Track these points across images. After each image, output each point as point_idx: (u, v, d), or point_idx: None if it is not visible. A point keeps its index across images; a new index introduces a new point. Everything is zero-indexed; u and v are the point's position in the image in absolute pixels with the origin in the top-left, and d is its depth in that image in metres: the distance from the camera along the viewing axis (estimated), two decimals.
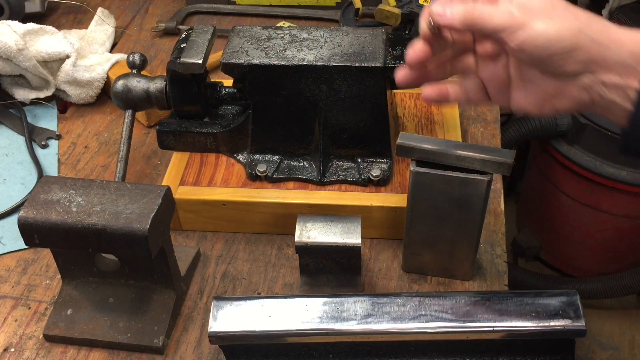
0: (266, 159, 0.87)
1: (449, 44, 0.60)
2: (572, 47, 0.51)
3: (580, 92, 0.54)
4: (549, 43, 0.52)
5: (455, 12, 0.55)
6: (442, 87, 0.62)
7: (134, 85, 0.88)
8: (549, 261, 1.87)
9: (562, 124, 1.51)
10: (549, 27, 0.51)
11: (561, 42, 0.51)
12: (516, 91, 0.58)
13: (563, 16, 0.52)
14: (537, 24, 0.52)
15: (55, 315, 0.76)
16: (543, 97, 0.56)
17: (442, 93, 0.62)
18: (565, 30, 0.51)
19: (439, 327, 0.66)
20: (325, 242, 0.74)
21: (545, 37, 0.51)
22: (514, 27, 0.52)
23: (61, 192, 0.69)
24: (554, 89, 0.55)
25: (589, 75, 0.52)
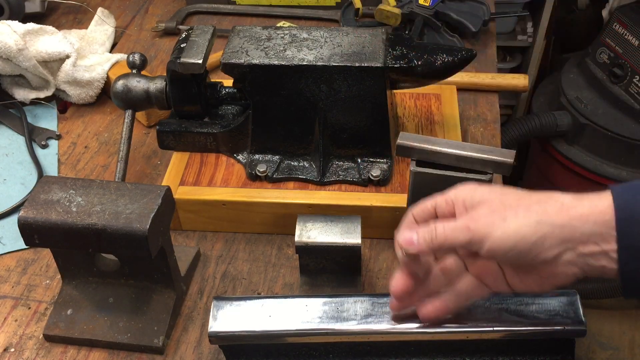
0: (266, 159, 0.87)
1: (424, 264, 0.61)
2: (539, 239, 0.53)
3: (569, 268, 0.55)
4: (513, 245, 0.54)
5: (420, 238, 0.57)
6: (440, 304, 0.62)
7: (134, 85, 0.88)
8: None
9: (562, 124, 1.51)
10: (508, 230, 0.54)
11: (525, 240, 0.53)
12: (512, 278, 0.59)
13: (516, 214, 0.54)
14: (495, 232, 0.54)
15: (55, 315, 0.76)
16: (539, 281, 0.57)
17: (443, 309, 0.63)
18: (524, 228, 0.53)
19: (439, 327, 0.66)
20: (325, 242, 0.74)
21: (508, 241, 0.54)
22: (476, 241, 0.55)
23: (61, 192, 0.69)
24: (544, 273, 0.56)
25: (569, 252, 0.54)
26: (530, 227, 0.53)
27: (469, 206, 0.57)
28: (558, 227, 0.53)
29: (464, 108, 1.03)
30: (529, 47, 2.02)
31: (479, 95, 1.07)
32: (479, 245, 0.55)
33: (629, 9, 1.60)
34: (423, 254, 0.59)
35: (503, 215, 0.54)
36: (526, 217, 0.54)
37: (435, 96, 0.98)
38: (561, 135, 1.54)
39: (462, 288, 0.61)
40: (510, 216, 0.54)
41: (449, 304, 0.62)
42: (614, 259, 0.53)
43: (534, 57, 2.01)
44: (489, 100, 1.06)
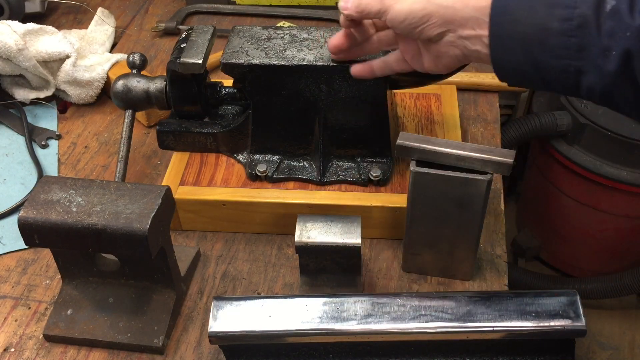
0: (266, 159, 0.87)
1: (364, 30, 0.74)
2: (425, 15, 0.63)
3: (451, 49, 0.64)
4: (405, 17, 0.64)
5: (350, 4, 0.68)
6: (369, 63, 0.75)
7: (134, 85, 0.88)
8: (549, 261, 1.87)
9: (562, 124, 1.51)
10: (403, 6, 0.64)
11: (414, 14, 0.63)
12: (424, 57, 0.69)
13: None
14: (395, 5, 0.64)
15: (55, 315, 0.76)
16: (433, 59, 0.68)
17: (368, 67, 0.76)
18: (415, 4, 0.63)
19: (439, 327, 0.66)
20: (325, 242, 0.74)
21: (401, 14, 0.64)
22: (383, 10, 0.66)
23: (61, 192, 0.69)
24: (434, 51, 0.66)
25: (450, 34, 0.63)
26: (420, 4, 0.63)
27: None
28: (442, 8, 0.62)
29: (464, 108, 1.03)
30: None
31: (479, 95, 1.07)
32: (384, 15, 0.66)
33: None
34: (351, 17, 0.69)
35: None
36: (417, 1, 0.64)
37: (435, 96, 0.98)
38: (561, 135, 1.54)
39: (388, 58, 0.74)
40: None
41: (374, 67, 0.75)
42: (486, 45, 0.61)
43: None
44: (489, 100, 1.06)
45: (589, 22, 0.54)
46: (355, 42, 0.75)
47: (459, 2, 0.62)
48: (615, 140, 1.45)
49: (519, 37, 0.58)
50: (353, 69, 0.77)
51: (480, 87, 1.07)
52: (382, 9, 0.66)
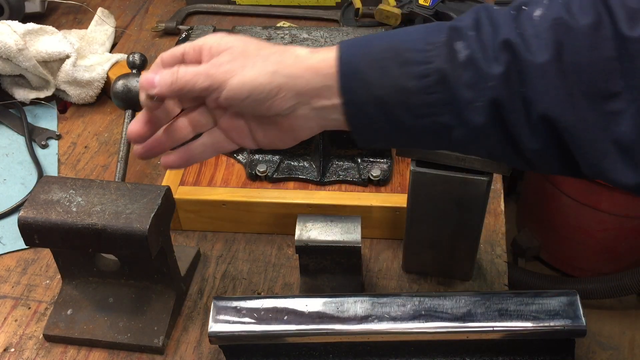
0: (266, 159, 0.87)
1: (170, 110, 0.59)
2: (273, 89, 0.53)
3: (306, 122, 0.56)
4: (249, 93, 0.53)
5: (162, 80, 0.55)
6: (184, 150, 0.60)
7: (134, 85, 0.88)
8: (549, 261, 1.87)
9: None
10: (245, 78, 0.53)
11: (260, 89, 0.53)
12: (257, 133, 0.58)
13: (254, 64, 0.54)
14: (234, 80, 0.53)
15: (55, 315, 0.76)
16: (281, 134, 0.57)
17: (186, 155, 0.60)
18: (260, 77, 0.53)
19: (439, 327, 0.66)
20: (325, 242, 0.74)
21: (244, 89, 0.53)
22: (215, 87, 0.54)
23: (61, 192, 0.69)
24: (284, 126, 0.56)
25: (303, 107, 0.54)
26: (266, 76, 0.53)
27: (215, 53, 0.55)
28: (292, 79, 0.53)
29: None
30: None
31: None
32: (217, 92, 0.54)
33: None
34: (162, 96, 0.56)
35: (243, 63, 0.54)
36: (263, 67, 0.53)
37: None
38: None
39: (208, 141, 0.60)
40: (249, 65, 0.54)
41: (193, 154, 0.60)
42: (343, 112, 0.54)
43: None
44: None
45: (447, 75, 0.50)
46: (159, 126, 0.60)
47: (308, 71, 0.54)
48: None
49: (376, 101, 0.52)
50: (164, 161, 0.60)
51: None
52: (213, 85, 0.54)
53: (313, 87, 0.54)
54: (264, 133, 0.58)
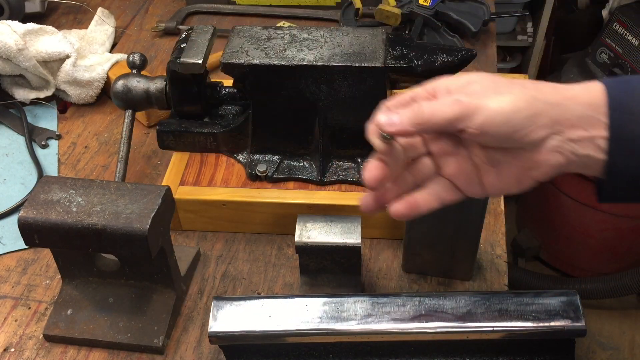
0: (266, 159, 0.87)
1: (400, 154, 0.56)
2: (532, 115, 0.51)
3: (553, 156, 0.52)
4: (508, 118, 0.50)
5: (403, 117, 0.52)
6: (411, 200, 0.57)
7: (134, 85, 0.88)
8: (549, 261, 1.87)
9: None
10: (503, 102, 0.50)
11: (520, 113, 0.50)
12: (488, 177, 0.55)
13: (510, 90, 0.51)
14: (490, 103, 0.50)
15: (55, 315, 0.76)
16: (518, 173, 0.54)
17: (412, 205, 0.57)
18: (519, 101, 0.51)
19: (439, 327, 0.66)
20: (325, 242, 0.74)
21: (503, 113, 0.50)
22: (467, 113, 0.51)
23: (61, 192, 0.69)
24: (527, 161, 0.53)
25: (555, 137, 0.52)
26: (526, 101, 0.51)
27: (454, 90, 0.53)
28: (550, 105, 0.51)
29: None
30: (529, 47, 2.02)
31: None
32: (469, 120, 0.50)
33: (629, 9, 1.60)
34: (405, 135, 0.53)
35: (496, 90, 0.51)
36: (521, 93, 0.51)
37: None
38: None
39: (433, 190, 0.57)
40: (505, 92, 0.51)
41: (419, 204, 0.57)
42: (601, 148, 0.51)
43: (534, 57, 2.01)
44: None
45: None
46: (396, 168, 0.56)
47: (568, 99, 0.51)
48: None
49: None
50: (394, 210, 0.56)
51: None
52: (466, 112, 0.50)
53: (572, 116, 0.51)
54: (497, 176, 0.55)
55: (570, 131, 0.51)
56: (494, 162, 0.54)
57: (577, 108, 0.51)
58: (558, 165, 0.53)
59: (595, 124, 0.51)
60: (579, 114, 0.51)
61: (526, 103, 0.51)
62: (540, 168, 0.53)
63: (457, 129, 0.52)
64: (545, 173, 0.54)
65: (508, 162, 0.54)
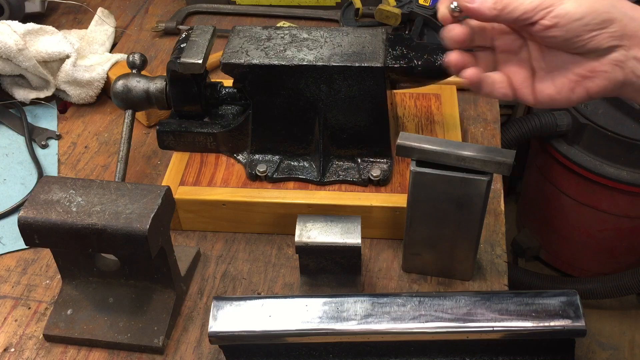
0: (266, 159, 0.87)
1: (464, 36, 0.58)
2: (607, 20, 0.51)
3: (613, 70, 0.53)
4: (583, 15, 0.51)
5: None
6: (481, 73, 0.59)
7: (134, 85, 0.88)
8: (549, 261, 1.87)
9: (562, 124, 1.51)
10: (581, 2, 0.52)
11: (596, 15, 0.51)
12: (542, 83, 0.57)
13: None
14: (569, 1, 0.52)
15: (55, 315, 0.76)
16: (574, 81, 0.55)
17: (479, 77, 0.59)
18: (598, 4, 0.52)
19: (439, 327, 0.66)
20: (325, 242, 0.74)
21: (579, 10, 0.51)
22: (545, 6, 0.52)
23: (61, 192, 0.69)
24: (585, 69, 0.54)
25: (621, 50, 0.52)
26: (605, 6, 0.51)
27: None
28: (628, 18, 0.52)
29: (464, 108, 1.03)
30: None
31: (479, 95, 1.07)
32: (546, 10, 0.52)
33: None
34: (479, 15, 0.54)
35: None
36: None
37: (435, 96, 0.98)
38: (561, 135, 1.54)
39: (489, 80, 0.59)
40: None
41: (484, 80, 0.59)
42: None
43: None
44: (489, 100, 1.06)
45: None
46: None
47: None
48: (615, 140, 1.45)
49: None
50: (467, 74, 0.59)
51: None
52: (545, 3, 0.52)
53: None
54: (551, 82, 0.56)
55: (638, 49, 0.52)
56: (552, 66, 0.55)
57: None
58: (615, 81, 0.53)
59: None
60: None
61: (604, 8, 0.51)
62: (597, 79, 0.54)
63: (532, 21, 0.53)
64: (601, 87, 0.54)
65: (566, 67, 0.55)
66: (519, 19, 0.53)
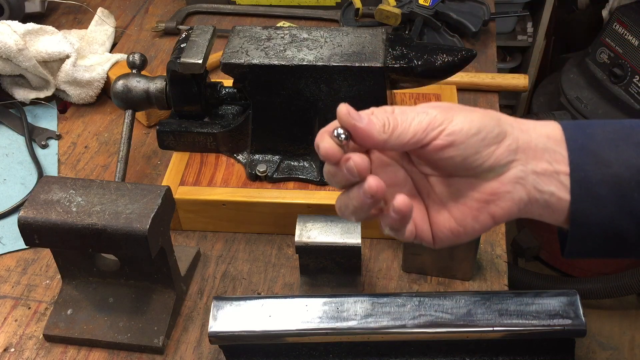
0: (266, 159, 0.87)
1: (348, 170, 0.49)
2: (501, 133, 0.48)
3: (515, 188, 0.49)
4: (478, 129, 0.48)
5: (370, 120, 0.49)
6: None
7: (134, 85, 0.88)
8: (549, 261, 1.87)
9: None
10: (472, 116, 0.48)
11: (490, 129, 0.48)
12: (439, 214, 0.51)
13: (474, 111, 0.50)
14: (459, 116, 0.48)
15: (55, 315, 0.76)
16: (475, 208, 0.50)
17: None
18: (487, 119, 0.48)
19: (439, 327, 0.66)
20: (325, 242, 0.74)
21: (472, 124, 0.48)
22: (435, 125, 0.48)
23: (61, 192, 0.69)
24: (486, 192, 0.50)
25: (519, 165, 0.49)
26: (493, 120, 0.48)
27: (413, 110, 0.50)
28: (517, 130, 0.49)
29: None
30: (529, 47, 2.02)
31: (479, 95, 1.07)
32: (438, 130, 0.47)
33: (629, 9, 1.60)
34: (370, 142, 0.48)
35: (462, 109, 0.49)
36: (487, 114, 0.49)
37: (435, 96, 0.98)
38: None
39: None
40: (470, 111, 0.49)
41: None
42: (565, 186, 0.48)
43: (534, 57, 2.01)
44: (489, 100, 1.06)
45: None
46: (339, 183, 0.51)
47: (530, 128, 0.49)
48: None
49: (611, 180, 0.46)
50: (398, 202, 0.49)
51: (480, 87, 1.07)
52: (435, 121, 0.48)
53: (536, 146, 0.49)
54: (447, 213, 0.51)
55: (534, 162, 0.49)
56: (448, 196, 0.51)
57: (540, 139, 0.49)
58: (519, 200, 0.49)
59: (559, 159, 0.48)
60: (542, 146, 0.49)
61: (494, 122, 0.48)
62: (500, 202, 0.50)
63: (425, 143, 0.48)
64: (506, 209, 0.50)
65: (465, 195, 0.50)
66: (409, 142, 0.48)
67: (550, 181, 0.48)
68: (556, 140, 0.49)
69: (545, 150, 0.49)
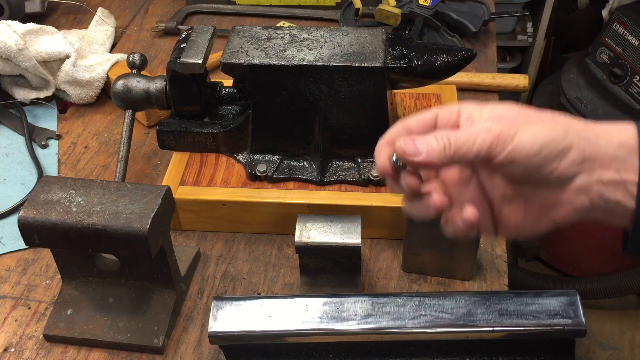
0: (266, 159, 0.87)
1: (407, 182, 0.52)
2: (565, 148, 0.48)
3: (578, 197, 0.49)
4: (540, 148, 0.47)
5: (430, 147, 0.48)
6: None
7: (134, 85, 0.88)
8: (549, 261, 1.87)
9: None
10: (536, 132, 0.47)
11: (554, 145, 0.47)
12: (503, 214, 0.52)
13: (542, 121, 0.49)
14: (523, 133, 0.47)
15: (55, 315, 0.76)
16: (538, 212, 0.51)
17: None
18: (552, 132, 0.48)
19: (439, 327, 0.66)
20: (325, 242, 0.74)
21: (535, 142, 0.47)
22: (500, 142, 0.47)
23: (61, 192, 0.69)
24: (549, 199, 0.50)
25: (584, 175, 0.48)
26: (559, 132, 0.47)
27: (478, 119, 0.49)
28: (584, 140, 0.48)
29: None
30: (529, 47, 2.02)
31: (479, 95, 1.07)
32: (501, 147, 0.47)
33: (629, 9, 1.60)
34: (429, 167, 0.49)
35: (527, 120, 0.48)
36: (554, 125, 0.48)
37: (435, 96, 0.98)
38: None
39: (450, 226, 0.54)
40: (536, 122, 0.48)
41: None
42: (632, 195, 0.47)
43: (534, 57, 2.01)
44: (489, 100, 1.06)
45: None
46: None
47: (601, 137, 0.48)
48: None
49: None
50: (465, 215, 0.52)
51: (480, 87, 1.07)
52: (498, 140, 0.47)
53: (605, 155, 0.48)
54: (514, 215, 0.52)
55: (601, 171, 0.48)
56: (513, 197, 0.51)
57: (609, 148, 0.48)
58: (581, 208, 0.49)
59: (628, 167, 0.47)
60: (612, 154, 0.48)
61: (559, 134, 0.48)
62: (562, 209, 0.50)
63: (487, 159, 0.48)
64: (566, 216, 0.50)
65: (529, 198, 0.51)
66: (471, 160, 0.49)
67: (617, 190, 0.48)
68: (628, 148, 0.48)
69: (614, 159, 0.48)
